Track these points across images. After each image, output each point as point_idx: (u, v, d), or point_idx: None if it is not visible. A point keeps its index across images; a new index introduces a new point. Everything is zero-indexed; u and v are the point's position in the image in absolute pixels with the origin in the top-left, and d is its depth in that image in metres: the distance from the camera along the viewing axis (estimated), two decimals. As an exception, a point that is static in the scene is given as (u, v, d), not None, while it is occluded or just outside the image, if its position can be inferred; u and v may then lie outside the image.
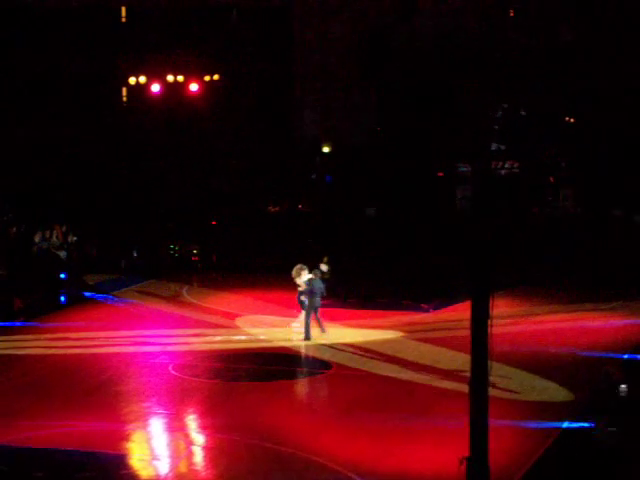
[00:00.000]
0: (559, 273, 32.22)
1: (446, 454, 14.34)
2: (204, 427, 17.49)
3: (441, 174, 40.56)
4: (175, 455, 16.13)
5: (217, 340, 23.95)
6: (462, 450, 11.96)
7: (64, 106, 37.32)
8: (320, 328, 23.77)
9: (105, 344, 23.25)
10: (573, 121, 39.84)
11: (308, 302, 23.57)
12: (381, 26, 39.66)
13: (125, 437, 16.78)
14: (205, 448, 16.44)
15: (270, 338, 24.09)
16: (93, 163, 37.75)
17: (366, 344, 23.23)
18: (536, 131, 38.23)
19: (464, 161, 37.10)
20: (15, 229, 30.06)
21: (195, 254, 35.82)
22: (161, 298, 29.54)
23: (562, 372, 20.45)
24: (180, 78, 36.58)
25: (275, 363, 21.88)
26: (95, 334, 24.34)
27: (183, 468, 15.43)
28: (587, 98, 36.54)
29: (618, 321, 26.19)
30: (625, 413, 16.90)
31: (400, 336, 24.30)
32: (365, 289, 29.94)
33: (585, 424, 16.66)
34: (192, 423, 17.89)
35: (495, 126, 35.71)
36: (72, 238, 30.70)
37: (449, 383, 19.44)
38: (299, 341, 23.50)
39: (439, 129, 36.23)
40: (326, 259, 25.25)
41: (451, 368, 20.56)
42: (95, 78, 37.84)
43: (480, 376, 11.74)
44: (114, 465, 15.16)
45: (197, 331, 24.82)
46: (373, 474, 14.71)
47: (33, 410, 17.83)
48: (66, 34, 37.92)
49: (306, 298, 23.66)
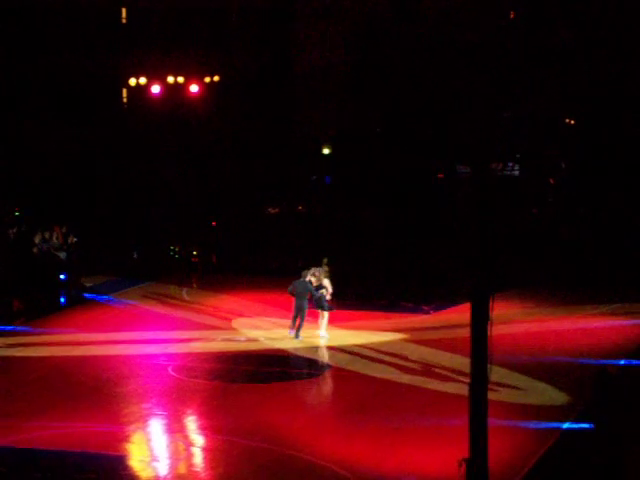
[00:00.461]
0: (559, 274, 32.21)
1: (446, 456, 14.32)
2: (203, 428, 17.50)
3: (441, 175, 40.56)
4: (174, 456, 16.11)
5: (217, 341, 23.95)
6: (462, 452, 11.95)
7: (64, 106, 37.28)
8: (295, 330, 23.60)
9: (105, 345, 23.25)
10: (573, 122, 39.87)
11: (316, 301, 23.55)
12: (381, 26, 39.65)
13: (124, 438, 16.78)
14: (204, 449, 16.44)
15: (269, 339, 24.09)
16: (93, 164, 37.73)
17: (366, 346, 23.21)
18: (536, 132, 38.24)
19: (464, 162, 37.09)
20: (15, 230, 30.01)
21: (195, 255, 35.81)
22: (161, 299, 29.53)
23: (561, 374, 20.43)
24: (180, 79, 36.55)
25: (274, 365, 21.87)
26: (95, 335, 24.34)
27: (182, 469, 15.42)
28: (587, 99, 36.55)
29: (618, 322, 26.17)
30: (625, 413, 16.88)
31: (400, 338, 24.28)
32: (364, 290, 29.92)
33: (585, 425, 16.64)
34: (191, 424, 17.88)
35: (496, 127, 35.69)
36: (72, 239, 30.68)
37: (449, 385, 19.42)
38: (323, 346, 23.40)
39: (439, 130, 36.24)
40: (326, 260, 25.24)
41: (451, 370, 20.55)
42: (95, 79, 37.81)
43: (480, 378, 11.72)
44: (114, 466, 15.15)
45: (197, 332, 24.81)
46: (372, 476, 14.69)
47: (33, 411, 17.82)
48: (66, 35, 37.88)
49: (320, 298, 23.59)
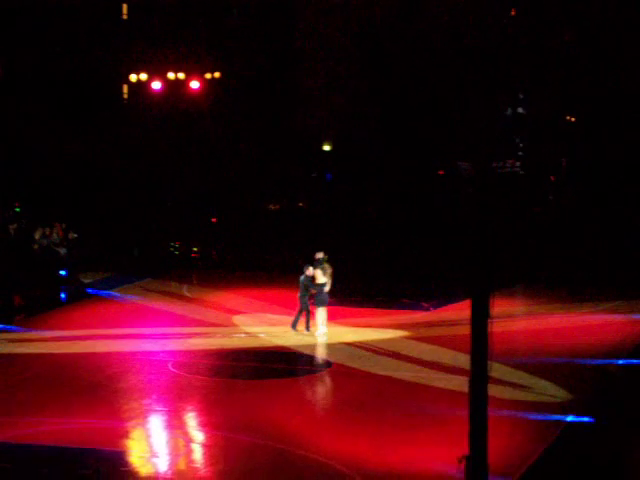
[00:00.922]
0: (560, 272, 32.21)
1: (446, 453, 14.34)
2: (203, 424, 17.52)
3: (442, 172, 40.55)
4: (174, 452, 16.12)
5: (217, 338, 23.95)
6: (462, 449, 11.95)
7: (65, 103, 37.27)
8: (294, 324, 23.97)
9: (105, 341, 23.25)
10: (574, 120, 39.86)
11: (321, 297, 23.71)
12: (384, 23, 39.64)
13: (125, 434, 16.80)
14: (204, 445, 16.44)
15: (270, 336, 24.10)
16: (94, 160, 37.72)
17: (366, 343, 23.22)
18: (537, 130, 38.24)
19: (465, 160, 37.08)
20: (15, 226, 30.01)
21: (195, 252, 35.81)
22: (161, 296, 29.51)
23: (561, 372, 20.43)
24: (181, 75, 36.55)
25: (274, 361, 21.88)
26: (95, 331, 24.35)
27: (182, 465, 15.44)
28: (588, 97, 36.54)
29: (618, 320, 26.16)
30: (625, 411, 16.91)
31: (400, 335, 24.28)
32: (365, 287, 29.91)
33: (585, 420, 16.66)
34: (191, 420, 17.89)
35: (497, 125, 35.71)
36: (72, 235, 30.68)
37: (449, 382, 19.43)
38: (323, 343, 23.45)
39: (441, 128, 36.23)
40: (326, 257, 25.25)
41: (451, 366, 20.56)
42: (96, 75, 37.80)
43: (480, 375, 11.73)
44: (113, 462, 15.15)
45: (197, 329, 24.82)
46: (373, 472, 14.71)
47: (33, 407, 17.84)
48: (67, 31, 37.87)
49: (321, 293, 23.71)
